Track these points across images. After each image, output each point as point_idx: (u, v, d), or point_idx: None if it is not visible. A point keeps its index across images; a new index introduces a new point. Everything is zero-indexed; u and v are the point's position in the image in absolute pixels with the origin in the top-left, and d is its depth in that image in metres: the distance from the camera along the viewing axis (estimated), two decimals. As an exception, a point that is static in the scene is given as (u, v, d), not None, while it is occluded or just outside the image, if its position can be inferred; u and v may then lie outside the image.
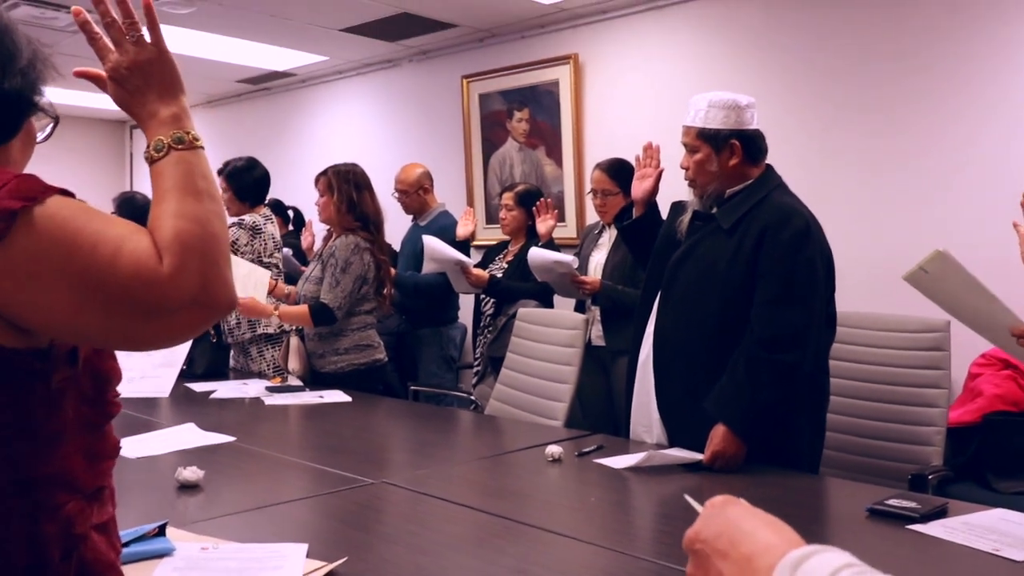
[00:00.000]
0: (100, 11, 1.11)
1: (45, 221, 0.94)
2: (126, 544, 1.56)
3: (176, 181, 1.05)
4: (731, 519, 0.84)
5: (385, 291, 3.83)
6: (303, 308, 3.68)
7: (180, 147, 1.07)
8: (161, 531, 1.72)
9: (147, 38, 1.12)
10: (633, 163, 3.06)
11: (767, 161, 2.62)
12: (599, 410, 3.93)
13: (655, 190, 2.91)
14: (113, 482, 1.12)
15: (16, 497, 0.97)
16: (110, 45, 1.12)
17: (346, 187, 3.74)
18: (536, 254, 3.93)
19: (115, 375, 1.10)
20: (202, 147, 1.10)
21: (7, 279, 0.92)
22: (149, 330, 0.99)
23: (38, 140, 1.16)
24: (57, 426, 1.00)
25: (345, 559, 1.64)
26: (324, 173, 3.82)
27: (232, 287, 1.04)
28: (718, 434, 2.38)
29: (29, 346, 0.96)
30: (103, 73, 1.14)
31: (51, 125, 1.16)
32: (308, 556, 1.65)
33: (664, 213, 2.87)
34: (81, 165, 8.29)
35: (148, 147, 1.09)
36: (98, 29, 1.13)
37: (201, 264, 0.99)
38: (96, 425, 1.06)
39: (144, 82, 1.11)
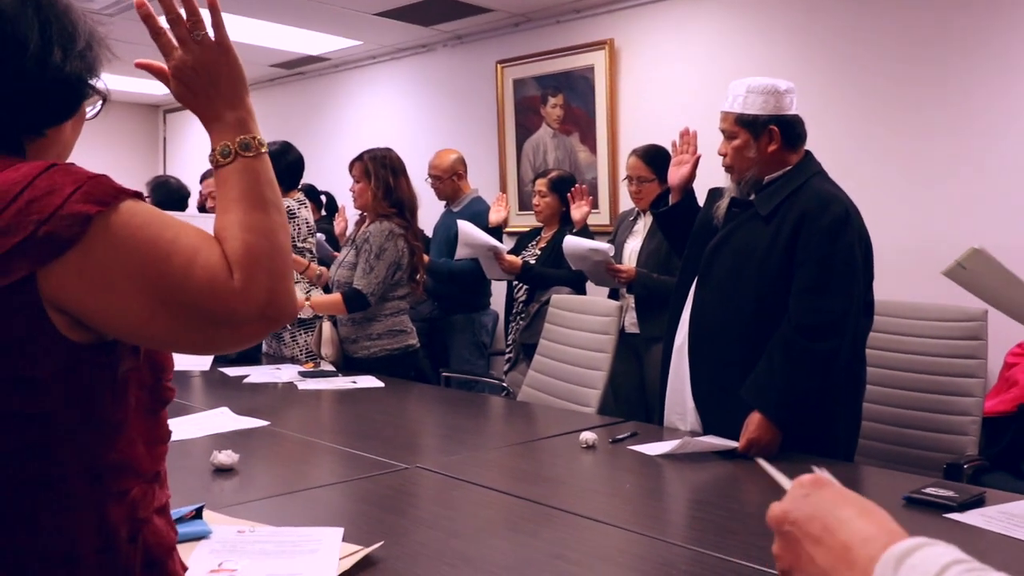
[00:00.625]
0: (165, 7, 1.10)
1: (120, 228, 0.95)
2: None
3: (243, 191, 1.06)
4: (824, 503, 0.79)
5: (418, 277, 3.84)
6: (336, 297, 3.69)
7: (247, 154, 1.08)
8: (198, 514, 1.74)
9: (212, 36, 1.11)
10: (669, 149, 3.03)
11: (806, 147, 2.59)
12: (632, 398, 3.92)
13: (692, 176, 2.89)
14: (166, 467, 1.13)
15: (85, 485, 0.98)
16: (174, 42, 1.11)
17: (383, 172, 3.73)
18: (571, 242, 3.92)
19: (170, 363, 1.12)
20: (267, 152, 1.11)
21: (80, 283, 0.93)
22: (216, 338, 1.02)
23: (87, 118, 1.16)
24: (122, 415, 1.02)
25: (381, 543, 1.64)
26: (359, 159, 3.81)
27: (295, 298, 1.06)
28: (753, 421, 2.36)
29: (96, 340, 0.98)
30: (166, 68, 1.13)
31: (100, 103, 1.16)
32: (344, 540, 1.66)
33: (701, 200, 2.84)
34: (115, 149, 8.35)
35: (214, 151, 1.09)
36: (162, 23, 1.12)
37: (269, 279, 1.01)
38: (154, 411, 1.08)
39: (209, 83, 1.11)
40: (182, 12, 1.10)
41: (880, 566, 0.70)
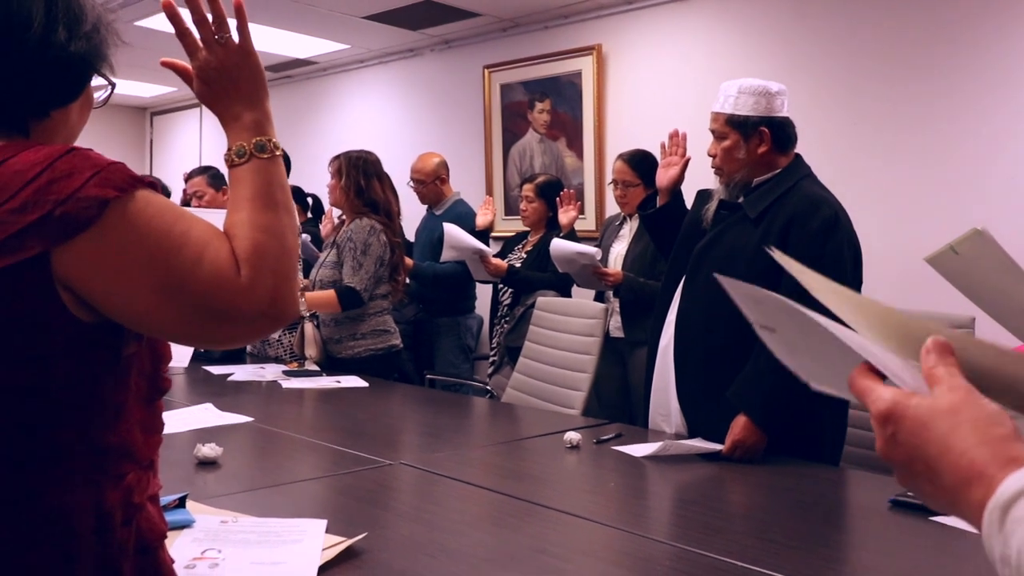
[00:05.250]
0: (192, 8, 1.11)
1: (135, 215, 0.96)
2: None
3: (256, 191, 1.08)
4: (912, 440, 0.68)
5: (399, 276, 3.84)
6: (330, 293, 3.67)
7: (262, 155, 1.10)
8: (181, 503, 1.72)
9: (236, 40, 1.13)
10: (655, 155, 3.03)
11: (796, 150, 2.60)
12: (615, 402, 3.91)
13: (680, 178, 2.88)
14: (159, 457, 1.13)
15: (84, 465, 0.98)
16: (199, 42, 1.12)
17: (354, 173, 3.78)
18: (559, 245, 3.92)
19: (168, 353, 1.13)
20: (281, 154, 1.12)
21: (91, 266, 0.94)
22: (218, 332, 1.03)
23: (95, 105, 1.17)
24: (122, 398, 1.02)
25: (365, 535, 1.63)
26: (338, 157, 3.87)
27: (297, 300, 1.09)
28: (739, 424, 2.36)
29: (102, 321, 0.98)
30: (190, 68, 1.15)
31: (109, 90, 1.16)
32: (327, 532, 1.65)
33: (689, 201, 2.84)
34: (101, 150, 8.24)
35: (230, 150, 1.11)
36: (187, 23, 1.13)
37: (275, 278, 1.02)
38: (151, 400, 1.08)
39: (231, 84, 1.12)
40: (208, 15, 1.11)
41: (987, 523, 0.62)
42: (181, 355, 3.17)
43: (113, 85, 1.16)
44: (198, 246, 0.98)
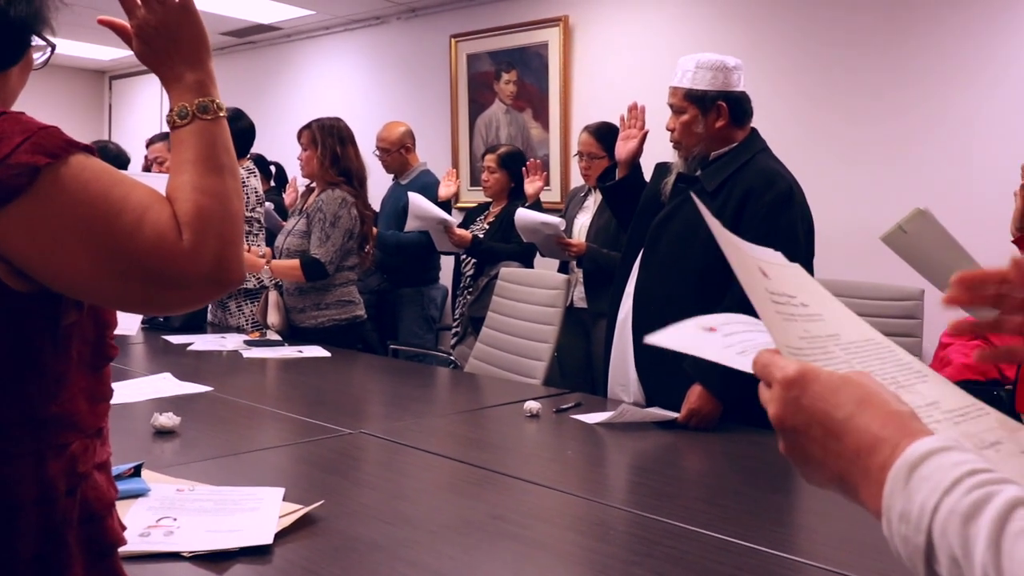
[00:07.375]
0: None
1: (69, 181, 0.93)
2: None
3: (199, 153, 1.05)
4: (818, 403, 0.71)
5: (367, 248, 3.83)
6: (295, 262, 3.66)
7: (205, 116, 1.07)
8: (136, 471, 1.72)
9: None
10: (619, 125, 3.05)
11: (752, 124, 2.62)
12: (578, 372, 3.95)
13: (639, 151, 2.91)
14: (108, 424, 1.12)
15: (24, 435, 0.97)
16: (138, 1, 1.09)
17: (330, 141, 3.73)
18: (523, 215, 3.93)
19: (113, 320, 1.10)
20: (225, 116, 1.10)
21: (24, 235, 0.91)
22: (161, 298, 1.00)
23: (35, 67, 1.14)
24: (63, 367, 1.00)
25: (322, 502, 1.64)
26: (308, 127, 3.81)
27: (243, 264, 1.05)
28: (695, 393, 2.39)
29: (39, 291, 0.96)
30: (128, 27, 1.11)
31: (48, 52, 1.14)
32: (285, 500, 1.66)
33: (648, 175, 2.86)
34: (59, 115, 8.12)
35: (171, 111, 1.08)
36: None
37: (218, 242, 0.99)
38: (96, 367, 1.07)
39: (171, 43, 1.09)
40: None
41: (892, 479, 0.64)
42: (129, 323, 3.12)
43: (53, 47, 1.13)
44: (137, 211, 0.95)
